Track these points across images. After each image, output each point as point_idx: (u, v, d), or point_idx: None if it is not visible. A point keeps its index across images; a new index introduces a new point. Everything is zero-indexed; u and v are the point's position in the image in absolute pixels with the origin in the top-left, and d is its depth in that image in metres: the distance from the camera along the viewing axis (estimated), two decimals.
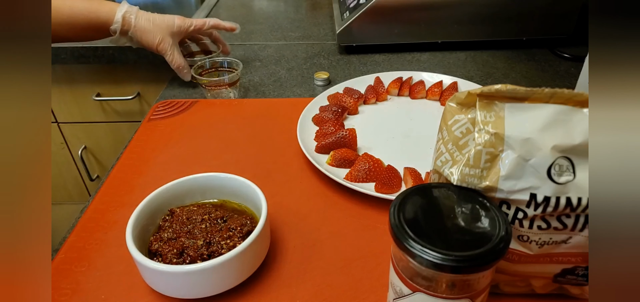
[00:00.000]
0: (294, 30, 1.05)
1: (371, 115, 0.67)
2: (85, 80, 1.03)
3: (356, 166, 0.52)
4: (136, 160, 0.59)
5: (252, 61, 0.89)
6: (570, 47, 0.88)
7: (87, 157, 1.16)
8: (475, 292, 0.30)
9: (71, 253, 0.45)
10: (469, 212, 0.31)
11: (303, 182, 0.54)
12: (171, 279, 0.37)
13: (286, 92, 0.76)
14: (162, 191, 0.44)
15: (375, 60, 0.88)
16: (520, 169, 0.31)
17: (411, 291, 0.31)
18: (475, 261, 0.27)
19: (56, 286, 0.41)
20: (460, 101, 0.34)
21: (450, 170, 0.34)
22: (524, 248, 0.34)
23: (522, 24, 0.88)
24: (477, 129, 0.33)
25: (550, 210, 0.32)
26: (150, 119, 0.68)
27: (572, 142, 0.31)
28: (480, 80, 0.79)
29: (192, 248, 0.39)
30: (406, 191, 0.33)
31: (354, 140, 0.57)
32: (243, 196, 0.45)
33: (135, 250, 0.37)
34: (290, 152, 0.60)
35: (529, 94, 0.32)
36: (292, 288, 0.41)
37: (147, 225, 0.42)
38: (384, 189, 0.50)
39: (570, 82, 0.78)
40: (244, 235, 0.40)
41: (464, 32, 0.89)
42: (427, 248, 0.28)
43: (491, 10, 0.86)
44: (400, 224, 0.30)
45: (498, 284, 0.38)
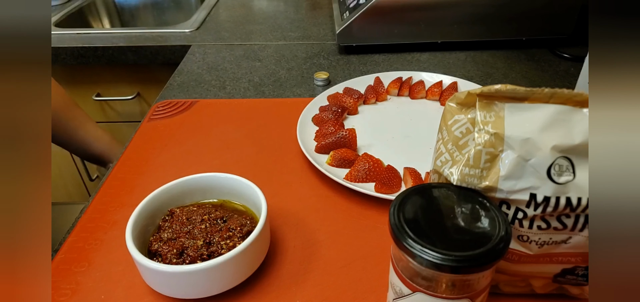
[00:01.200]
0: (293, 30, 1.05)
1: (371, 115, 0.67)
2: (85, 81, 1.03)
3: (356, 166, 0.52)
4: (136, 160, 0.59)
5: (252, 61, 0.89)
6: (570, 47, 0.88)
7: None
8: (475, 292, 0.30)
9: (71, 253, 0.45)
10: (468, 212, 0.31)
11: (303, 182, 0.54)
12: (171, 279, 0.37)
13: (286, 92, 0.76)
14: (162, 191, 0.44)
15: (375, 60, 0.88)
16: (520, 169, 0.31)
17: (411, 291, 0.31)
18: (475, 261, 0.27)
19: (56, 286, 0.41)
20: (460, 101, 0.34)
21: (450, 170, 0.34)
22: (524, 248, 0.34)
23: (522, 24, 0.88)
24: (477, 129, 0.33)
25: (550, 210, 0.32)
26: (150, 119, 0.68)
27: (572, 142, 0.31)
28: (480, 80, 0.79)
29: (192, 248, 0.39)
30: (406, 191, 0.33)
31: (353, 141, 0.57)
32: (243, 196, 0.45)
33: (135, 250, 0.37)
34: (290, 152, 0.60)
35: (529, 94, 0.32)
36: (292, 288, 0.41)
37: (147, 225, 0.42)
38: (384, 189, 0.50)
39: (570, 82, 0.78)
40: (244, 235, 0.40)
41: (464, 32, 0.89)
42: (427, 248, 0.28)
43: (491, 10, 0.86)
44: (400, 224, 0.30)
45: (498, 284, 0.38)
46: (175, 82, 0.81)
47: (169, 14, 1.42)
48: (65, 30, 1.05)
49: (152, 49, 0.96)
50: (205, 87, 0.79)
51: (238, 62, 0.88)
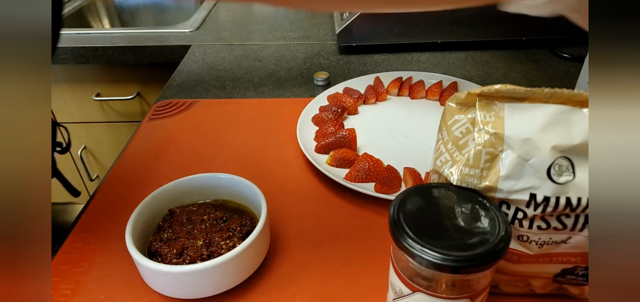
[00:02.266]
0: (293, 30, 1.05)
1: (371, 115, 0.67)
2: (85, 80, 1.03)
3: (356, 166, 0.52)
4: (136, 160, 0.59)
5: (252, 61, 0.89)
6: (570, 47, 0.88)
7: (87, 157, 1.16)
8: (475, 292, 0.30)
9: (71, 253, 0.45)
10: (468, 212, 0.31)
11: (303, 182, 0.54)
12: (171, 279, 0.37)
13: (286, 92, 0.76)
14: (161, 191, 0.44)
15: (375, 61, 0.88)
16: (520, 169, 0.31)
17: (411, 291, 0.31)
18: (475, 261, 0.27)
19: (56, 286, 0.41)
20: (460, 101, 0.34)
21: (450, 170, 0.34)
22: (524, 248, 0.34)
23: (522, 24, 0.88)
24: (476, 129, 0.33)
25: (550, 210, 0.32)
26: (150, 119, 0.68)
27: (572, 142, 0.31)
28: (480, 80, 0.79)
29: (192, 248, 0.39)
30: (406, 191, 0.33)
31: (353, 141, 0.57)
32: (243, 196, 0.45)
33: (135, 250, 0.37)
34: (290, 152, 0.60)
35: (529, 94, 0.32)
36: (291, 288, 0.41)
37: (147, 225, 0.42)
38: (384, 189, 0.50)
39: (570, 82, 0.78)
40: (243, 235, 0.40)
41: (463, 32, 0.89)
42: (427, 248, 0.28)
43: (491, 10, 0.85)
44: (400, 224, 0.30)
45: (498, 284, 0.38)
46: (175, 82, 0.81)
47: (168, 14, 1.42)
48: (65, 30, 1.05)
49: (152, 49, 0.96)
50: (205, 87, 0.79)
51: (238, 62, 0.88)
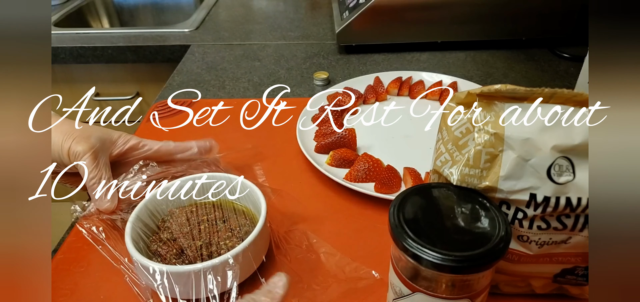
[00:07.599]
0: (293, 30, 1.05)
1: (371, 115, 0.67)
2: (85, 80, 1.03)
3: (356, 166, 0.52)
4: None
5: (251, 61, 0.89)
6: (570, 47, 0.88)
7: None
8: (475, 292, 0.30)
9: (70, 253, 0.45)
10: (468, 212, 0.31)
11: (303, 182, 0.54)
12: (171, 279, 0.37)
13: (286, 92, 0.76)
14: (161, 191, 0.44)
15: (374, 60, 0.88)
16: (520, 169, 0.31)
17: (411, 291, 0.31)
18: (475, 261, 0.27)
19: (55, 286, 0.41)
20: (460, 101, 0.34)
21: (450, 170, 0.34)
22: (524, 248, 0.34)
23: (522, 23, 0.88)
24: (476, 129, 0.33)
25: (550, 210, 0.32)
26: (150, 119, 0.68)
27: (572, 142, 0.31)
28: (480, 80, 0.79)
29: (191, 249, 0.39)
30: (406, 191, 0.33)
31: (353, 140, 0.57)
32: (243, 196, 0.45)
33: (134, 250, 0.37)
34: (290, 152, 0.59)
35: (529, 94, 0.32)
36: (291, 288, 0.41)
37: (146, 225, 0.42)
38: (384, 189, 0.50)
39: (570, 82, 0.78)
40: (243, 235, 0.40)
41: (463, 32, 0.89)
42: (426, 248, 0.28)
43: (491, 10, 0.86)
44: (399, 224, 0.30)
45: (498, 284, 0.38)
46: (174, 82, 0.81)
47: (168, 14, 1.42)
48: (65, 30, 1.05)
49: (152, 49, 0.96)
50: (205, 87, 0.79)
51: (237, 62, 0.88)
